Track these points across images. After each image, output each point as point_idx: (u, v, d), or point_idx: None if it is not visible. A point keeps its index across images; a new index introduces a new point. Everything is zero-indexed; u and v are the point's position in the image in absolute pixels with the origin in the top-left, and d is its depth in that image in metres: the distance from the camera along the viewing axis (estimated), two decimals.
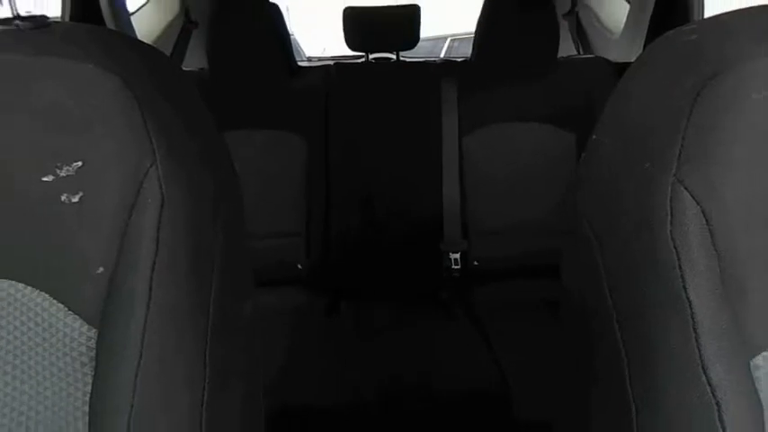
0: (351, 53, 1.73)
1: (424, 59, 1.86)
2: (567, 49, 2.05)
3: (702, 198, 0.35)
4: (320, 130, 1.51)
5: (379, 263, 1.51)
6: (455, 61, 1.70)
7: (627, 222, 0.39)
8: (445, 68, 1.59)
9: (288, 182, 1.48)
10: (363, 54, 1.69)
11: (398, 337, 1.31)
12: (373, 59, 1.69)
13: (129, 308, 0.38)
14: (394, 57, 1.69)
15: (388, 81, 1.59)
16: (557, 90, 1.46)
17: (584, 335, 0.46)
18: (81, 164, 0.38)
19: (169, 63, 0.48)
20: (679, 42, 0.41)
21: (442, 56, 3.97)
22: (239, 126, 1.42)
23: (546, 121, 1.46)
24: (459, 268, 1.48)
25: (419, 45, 1.67)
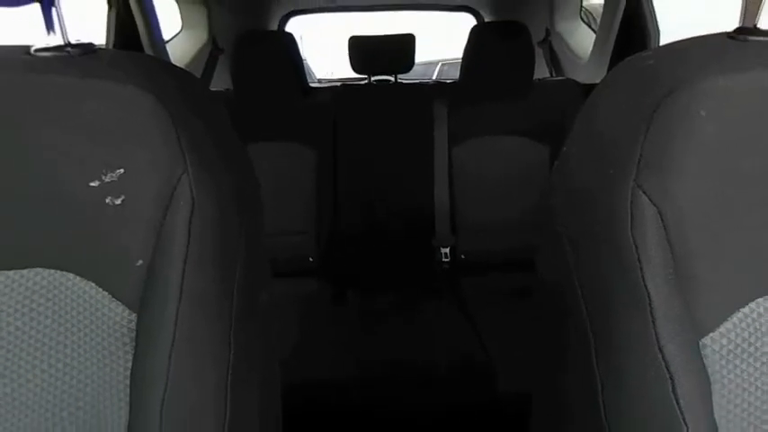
0: (355, 76, 1.73)
1: (418, 81, 1.86)
2: (542, 72, 2.05)
3: (658, 201, 0.35)
4: (328, 142, 1.51)
5: (380, 256, 1.52)
6: (445, 83, 1.70)
7: (593, 222, 0.39)
8: (437, 89, 1.60)
9: (300, 187, 1.48)
10: (366, 77, 1.68)
11: (397, 320, 1.32)
12: (375, 81, 1.68)
13: (164, 295, 0.38)
14: (393, 79, 1.69)
15: (387, 100, 1.59)
16: (533, 108, 1.45)
17: (557, 319, 0.46)
18: (123, 171, 0.38)
19: (199, 84, 0.48)
20: (638, 66, 0.41)
21: (434, 78, 3.95)
22: (259, 139, 1.41)
23: (523, 135, 1.46)
24: (448, 261, 1.48)
25: (414, 69, 1.67)
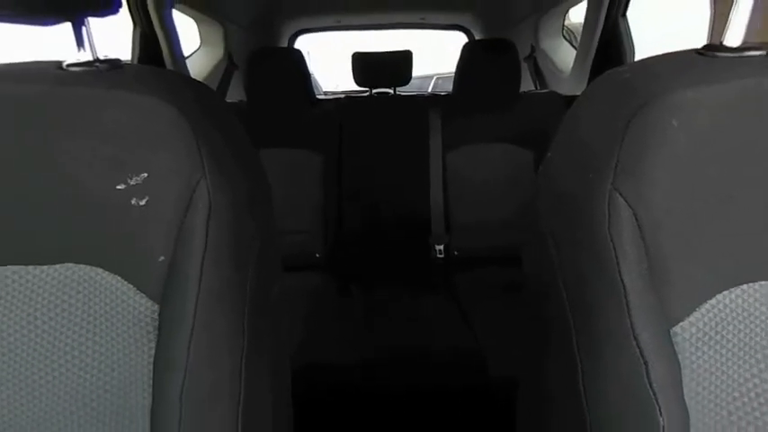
0: (358, 88, 1.73)
1: (415, 93, 1.86)
2: (528, 85, 2.05)
3: (633, 203, 0.35)
4: (334, 149, 1.51)
5: (381, 253, 1.52)
6: (440, 95, 1.70)
7: (575, 221, 0.39)
8: (432, 101, 1.59)
9: (308, 189, 1.48)
10: (367, 89, 1.69)
11: (396, 311, 1.31)
12: (375, 93, 1.69)
13: (184, 288, 0.38)
14: (392, 91, 1.69)
15: (387, 110, 1.59)
16: (519, 118, 1.45)
17: (542, 311, 0.46)
18: (147, 175, 0.38)
19: (216, 96, 0.48)
20: (615, 80, 0.41)
21: (429, 90, 3.96)
22: (270, 146, 1.41)
23: (511, 142, 1.45)
24: (443, 257, 1.48)
25: (411, 82, 1.67)
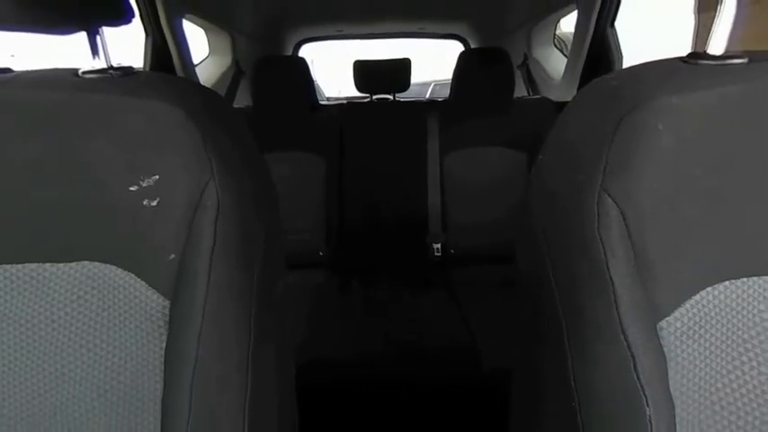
0: (359, 94, 1.74)
1: (413, 99, 1.86)
2: (521, 91, 2.05)
3: (621, 203, 0.35)
4: (336, 152, 1.51)
5: (381, 251, 1.52)
6: (437, 101, 1.70)
7: (565, 220, 0.39)
8: (430, 106, 1.59)
9: (311, 191, 1.48)
10: (368, 95, 1.69)
11: (395, 306, 1.31)
12: (376, 99, 1.69)
13: (194, 284, 0.38)
14: (391, 97, 1.69)
15: (387, 115, 1.59)
16: (513, 123, 1.46)
17: (534, 306, 0.46)
18: (158, 177, 0.38)
19: (224, 102, 0.48)
20: (603, 86, 0.41)
21: (427, 96, 3.96)
22: (276, 149, 1.41)
23: (505, 146, 1.46)
24: (440, 255, 1.48)
25: (410, 88, 1.67)
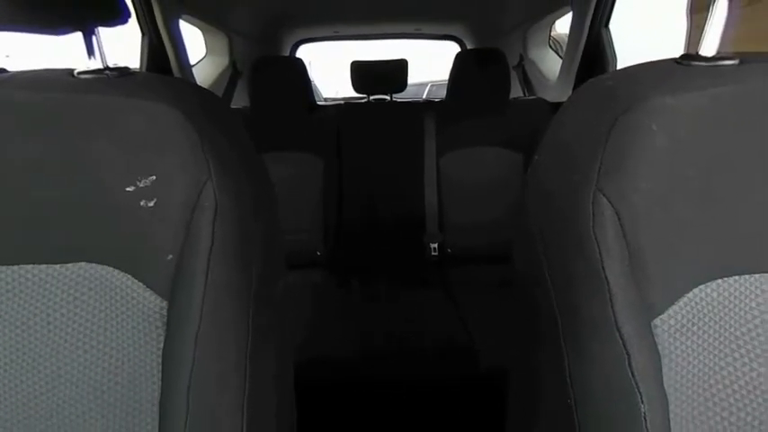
0: (356, 95, 1.73)
1: (410, 100, 1.86)
2: (516, 92, 2.05)
3: (616, 203, 0.35)
4: (333, 152, 1.51)
5: (378, 250, 1.52)
6: (434, 101, 1.70)
7: (561, 220, 0.39)
8: (426, 107, 1.59)
9: (309, 191, 1.48)
10: (365, 96, 1.68)
11: (393, 305, 1.31)
12: (373, 100, 1.68)
13: (191, 285, 0.38)
14: (388, 98, 1.69)
15: (384, 116, 1.59)
16: (509, 123, 1.46)
17: (530, 305, 0.46)
18: (155, 178, 0.38)
19: (221, 102, 0.48)
20: (598, 87, 0.41)
21: (424, 97, 3.96)
22: (273, 149, 1.41)
23: (501, 146, 1.46)
24: (437, 254, 1.48)
25: (407, 89, 1.67)
